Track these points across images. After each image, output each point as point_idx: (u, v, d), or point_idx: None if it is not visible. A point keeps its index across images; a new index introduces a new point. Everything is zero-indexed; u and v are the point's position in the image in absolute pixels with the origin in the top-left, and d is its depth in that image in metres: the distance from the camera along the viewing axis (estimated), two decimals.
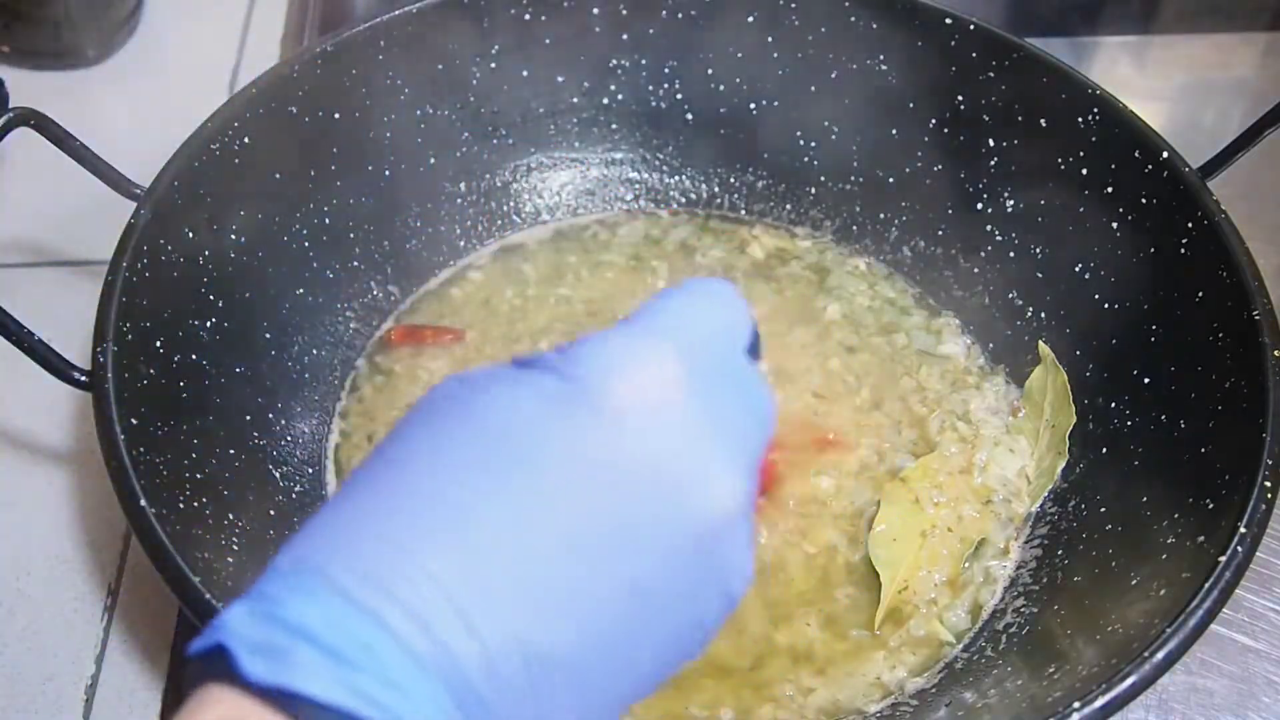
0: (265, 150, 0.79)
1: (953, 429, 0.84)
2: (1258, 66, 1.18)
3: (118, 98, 1.09)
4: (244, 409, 0.77)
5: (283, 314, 0.83)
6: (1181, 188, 0.75)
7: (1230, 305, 0.71)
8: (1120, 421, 0.78)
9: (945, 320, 0.91)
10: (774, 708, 0.71)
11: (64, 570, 0.79)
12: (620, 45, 0.92)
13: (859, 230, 0.95)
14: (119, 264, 0.69)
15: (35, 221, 0.99)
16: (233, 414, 0.76)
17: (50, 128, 0.71)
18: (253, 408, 0.78)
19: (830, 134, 0.93)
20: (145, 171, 0.74)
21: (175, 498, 0.65)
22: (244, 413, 0.77)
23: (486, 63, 0.90)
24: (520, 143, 0.95)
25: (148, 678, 0.74)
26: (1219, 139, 0.77)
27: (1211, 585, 0.60)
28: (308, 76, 0.81)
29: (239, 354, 0.78)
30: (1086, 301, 0.82)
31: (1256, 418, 0.65)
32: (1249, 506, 0.62)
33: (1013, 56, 0.84)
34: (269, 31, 1.16)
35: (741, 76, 0.93)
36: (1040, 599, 0.74)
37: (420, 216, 0.92)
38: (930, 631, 0.74)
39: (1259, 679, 0.75)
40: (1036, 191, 0.85)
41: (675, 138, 0.96)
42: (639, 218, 0.98)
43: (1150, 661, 0.57)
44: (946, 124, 0.88)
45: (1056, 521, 0.78)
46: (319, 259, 0.86)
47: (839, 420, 0.84)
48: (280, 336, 0.82)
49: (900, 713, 0.70)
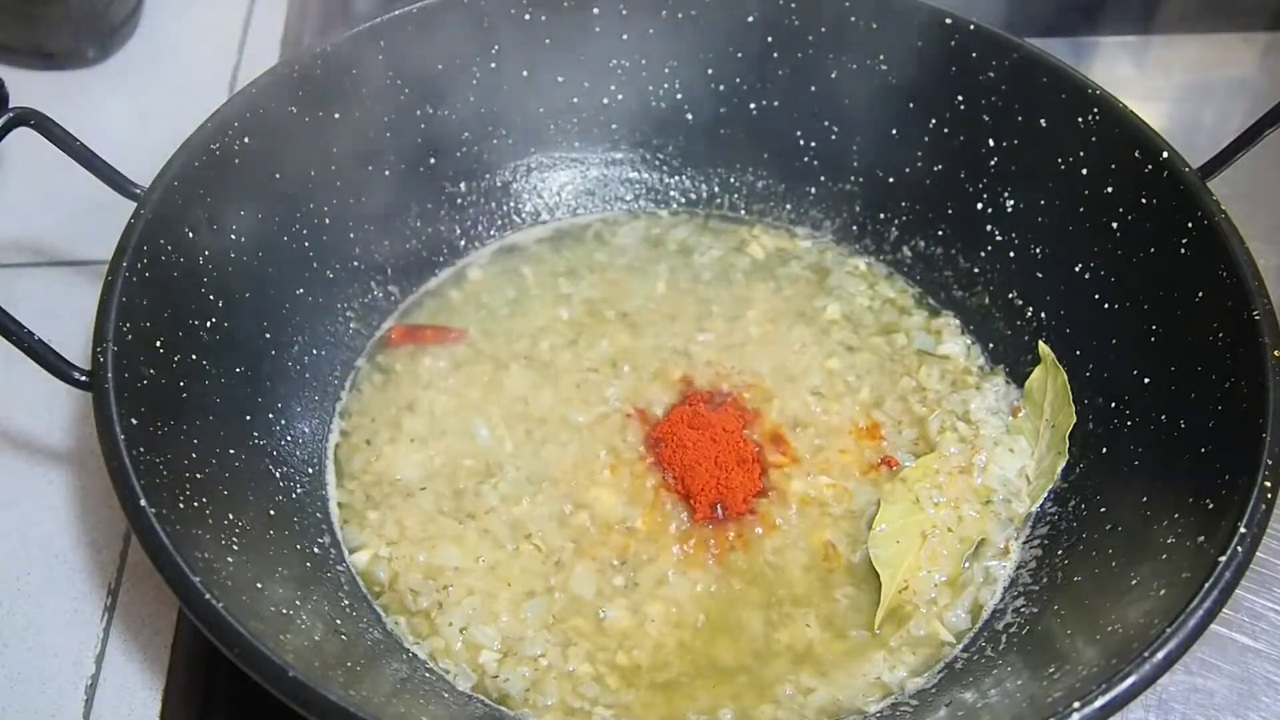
0: (265, 150, 0.79)
1: (953, 429, 0.84)
2: (1258, 66, 1.18)
3: (118, 98, 1.10)
4: (244, 409, 0.77)
5: (283, 314, 0.83)
6: (1181, 188, 0.75)
7: (1230, 305, 0.71)
8: (1120, 421, 0.78)
9: (945, 320, 0.91)
10: (774, 708, 0.71)
11: (64, 570, 0.79)
12: (620, 45, 0.92)
13: (859, 230, 0.95)
14: (119, 264, 0.69)
15: (35, 221, 0.99)
16: (233, 414, 0.76)
17: (50, 128, 0.71)
18: (253, 408, 0.78)
19: (830, 134, 0.93)
20: (145, 171, 0.74)
21: (175, 498, 0.65)
22: (244, 413, 0.77)
23: (486, 63, 0.90)
24: (520, 143, 0.95)
25: (148, 678, 0.74)
26: (1219, 139, 0.77)
27: (1211, 585, 0.60)
28: (308, 76, 0.81)
29: (239, 354, 0.78)
30: (1086, 301, 0.82)
31: (1256, 418, 0.65)
32: (1249, 506, 0.62)
33: (1013, 56, 0.84)
34: (269, 31, 1.16)
35: (741, 76, 0.93)
36: (1040, 599, 0.74)
37: (420, 216, 0.92)
38: (930, 631, 0.74)
39: (1259, 679, 0.75)
40: (1036, 191, 0.85)
41: (675, 138, 0.96)
42: (639, 218, 0.98)
43: (1150, 661, 0.57)
44: (946, 124, 0.88)
45: (1056, 521, 0.78)
46: (319, 259, 0.86)
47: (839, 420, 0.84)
48: (280, 336, 0.82)
49: (900, 713, 0.70)
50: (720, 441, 0.81)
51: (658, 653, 0.73)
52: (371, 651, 0.70)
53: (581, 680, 0.72)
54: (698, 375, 0.87)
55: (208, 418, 0.73)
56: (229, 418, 0.75)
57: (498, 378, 0.86)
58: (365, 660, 0.68)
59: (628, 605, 0.75)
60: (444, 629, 0.73)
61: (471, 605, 0.74)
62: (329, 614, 0.70)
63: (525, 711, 0.70)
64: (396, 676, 0.69)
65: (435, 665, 0.72)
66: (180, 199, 0.74)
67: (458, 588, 0.75)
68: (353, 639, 0.70)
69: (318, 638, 0.67)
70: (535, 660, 0.72)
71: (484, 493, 0.80)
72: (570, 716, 0.70)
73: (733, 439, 0.81)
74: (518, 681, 0.71)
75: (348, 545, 0.78)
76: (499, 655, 0.73)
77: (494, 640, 0.73)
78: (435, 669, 0.72)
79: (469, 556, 0.77)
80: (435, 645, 0.73)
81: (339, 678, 0.63)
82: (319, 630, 0.68)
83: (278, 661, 0.57)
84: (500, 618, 0.74)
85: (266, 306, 0.81)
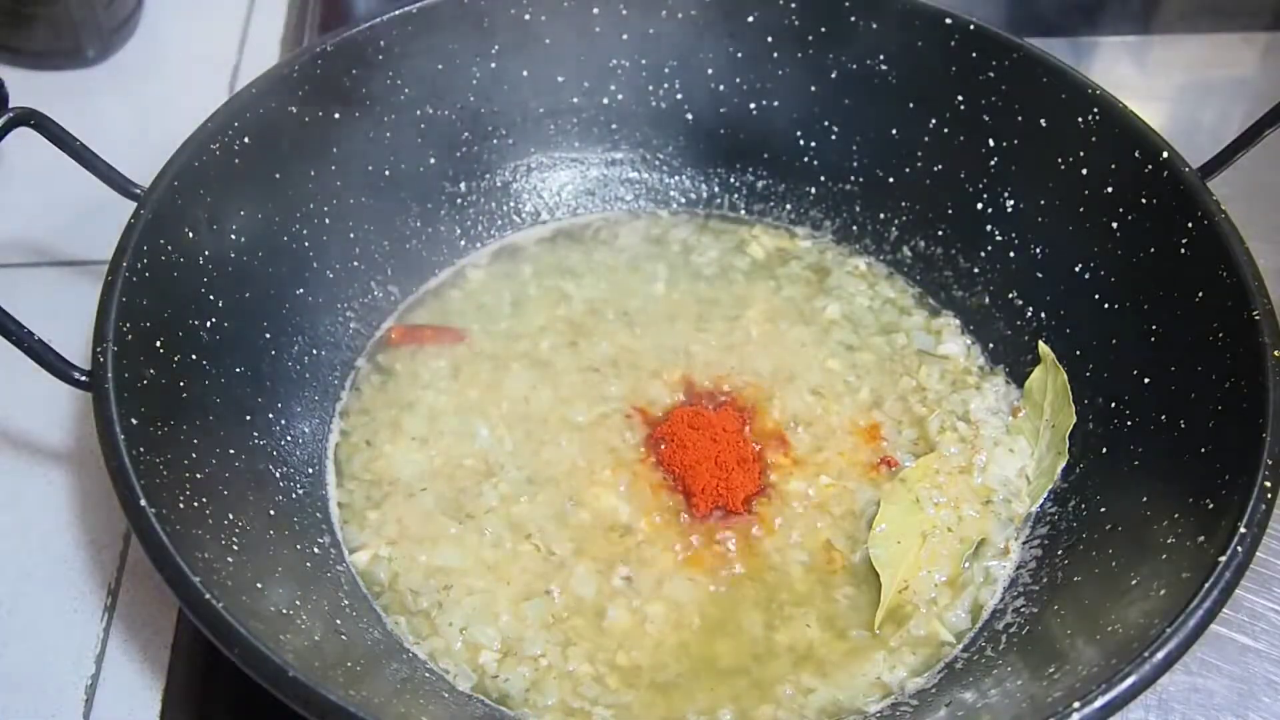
0: (265, 150, 0.79)
1: (953, 429, 0.84)
2: (1258, 66, 1.18)
3: (118, 98, 1.10)
4: (244, 409, 0.77)
5: (283, 314, 0.83)
6: (1181, 187, 0.75)
7: (1230, 305, 0.71)
8: (1120, 421, 0.78)
9: (945, 320, 0.91)
10: (774, 708, 0.71)
11: (64, 570, 0.79)
12: (620, 45, 0.92)
13: (859, 230, 0.95)
14: (119, 264, 0.69)
15: (35, 221, 0.99)
16: (233, 414, 0.76)
17: (50, 128, 0.71)
18: (253, 408, 0.78)
19: (830, 134, 0.93)
20: (145, 171, 0.74)
21: (175, 498, 0.65)
22: (244, 413, 0.77)
23: (486, 63, 0.90)
24: (520, 143, 0.95)
25: (148, 678, 0.74)
26: (1219, 139, 0.77)
27: (1211, 585, 0.60)
28: (308, 76, 0.81)
29: (239, 354, 0.78)
30: (1086, 301, 0.82)
31: (1256, 418, 0.65)
32: (1249, 506, 0.62)
33: (1013, 56, 0.84)
34: (269, 31, 1.16)
35: (741, 76, 0.93)
36: (1040, 599, 0.74)
37: (420, 216, 0.92)
38: (930, 631, 0.74)
39: (1259, 679, 0.75)
40: (1036, 191, 0.85)
41: (675, 138, 0.96)
42: (639, 218, 0.98)
43: (1150, 661, 0.57)
44: (946, 124, 0.88)
45: (1056, 521, 0.78)
46: (319, 259, 0.86)
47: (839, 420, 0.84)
48: (280, 336, 0.82)
49: (900, 712, 0.70)
50: (720, 441, 0.81)
51: (657, 653, 0.73)
52: (371, 651, 0.70)
53: (581, 680, 0.72)
54: (698, 375, 0.87)
55: (208, 418, 0.73)
56: (229, 418, 0.75)
57: (498, 378, 0.86)
58: (365, 660, 0.68)
59: (628, 605, 0.75)
60: (444, 629, 0.73)
61: (472, 605, 0.74)
62: (329, 614, 0.70)
63: (525, 711, 0.70)
64: (397, 676, 0.69)
65: (435, 665, 0.72)
66: (180, 199, 0.74)
67: (458, 587, 0.75)
68: (353, 639, 0.70)
69: (318, 638, 0.67)
70: (535, 660, 0.72)
71: (484, 493, 0.80)
72: (570, 716, 0.70)
73: (733, 439, 0.81)
74: (518, 681, 0.71)
75: (348, 545, 0.78)
76: (499, 655, 0.73)
77: (494, 640, 0.73)
78: (435, 669, 0.72)
79: (469, 557, 0.77)
80: (435, 645, 0.73)
81: (339, 678, 0.63)
82: (319, 630, 0.68)
83: (278, 661, 0.57)
84: (500, 617, 0.74)
85: (266, 306, 0.81)
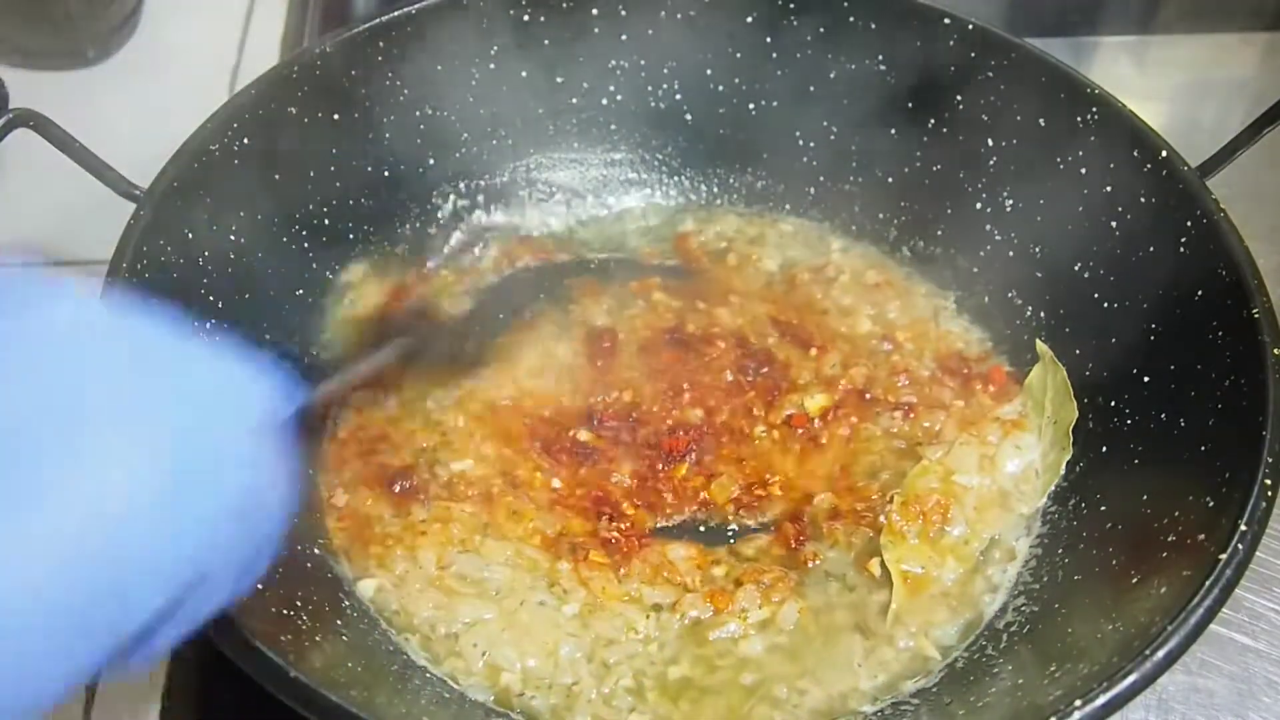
0: (265, 150, 0.79)
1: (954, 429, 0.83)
2: (1258, 66, 1.18)
3: (118, 98, 1.09)
4: None
5: (282, 314, 0.83)
6: (1181, 187, 0.75)
7: (1230, 304, 0.71)
8: (1120, 420, 0.78)
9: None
10: (770, 708, 0.70)
11: None
12: (620, 45, 0.92)
13: (859, 230, 0.95)
14: (119, 264, 0.69)
15: (35, 221, 0.99)
16: None
17: (50, 129, 0.71)
18: None
19: (830, 134, 0.93)
20: (145, 171, 0.74)
21: None
22: None
23: (486, 63, 0.90)
24: (520, 143, 0.95)
25: (148, 678, 0.74)
26: (1219, 139, 0.77)
27: (1212, 583, 0.60)
28: (308, 76, 0.81)
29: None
30: (1086, 301, 0.82)
31: (1256, 416, 0.65)
32: (1249, 504, 0.62)
33: (1012, 56, 0.84)
34: (269, 31, 1.16)
35: (741, 76, 0.93)
36: (1040, 598, 0.74)
37: (420, 217, 0.92)
38: (932, 631, 0.74)
39: (1259, 679, 0.75)
40: (1035, 191, 0.85)
41: (675, 138, 0.96)
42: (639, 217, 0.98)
43: (1151, 660, 0.57)
44: (946, 124, 0.88)
45: (1057, 520, 0.78)
46: (319, 260, 0.86)
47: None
48: (280, 337, 0.82)
49: (901, 712, 0.70)
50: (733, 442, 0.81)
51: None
52: (372, 651, 0.70)
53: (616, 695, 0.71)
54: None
55: None
56: None
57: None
58: (366, 660, 0.68)
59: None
60: (467, 650, 0.72)
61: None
62: (330, 614, 0.70)
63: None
64: (399, 676, 0.69)
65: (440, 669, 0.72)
66: (180, 199, 0.74)
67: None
68: (354, 640, 0.70)
69: (319, 638, 0.67)
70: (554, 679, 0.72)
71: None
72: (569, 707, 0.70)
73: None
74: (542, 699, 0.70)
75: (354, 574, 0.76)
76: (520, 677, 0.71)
77: (514, 663, 0.71)
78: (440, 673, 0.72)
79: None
80: (456, 666, 0.71)
81: (340, 678, 0.63)
82: (320, 631, 0.67)
83: (278, 661, 0.57)
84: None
85: (266, 306, 0.81)
